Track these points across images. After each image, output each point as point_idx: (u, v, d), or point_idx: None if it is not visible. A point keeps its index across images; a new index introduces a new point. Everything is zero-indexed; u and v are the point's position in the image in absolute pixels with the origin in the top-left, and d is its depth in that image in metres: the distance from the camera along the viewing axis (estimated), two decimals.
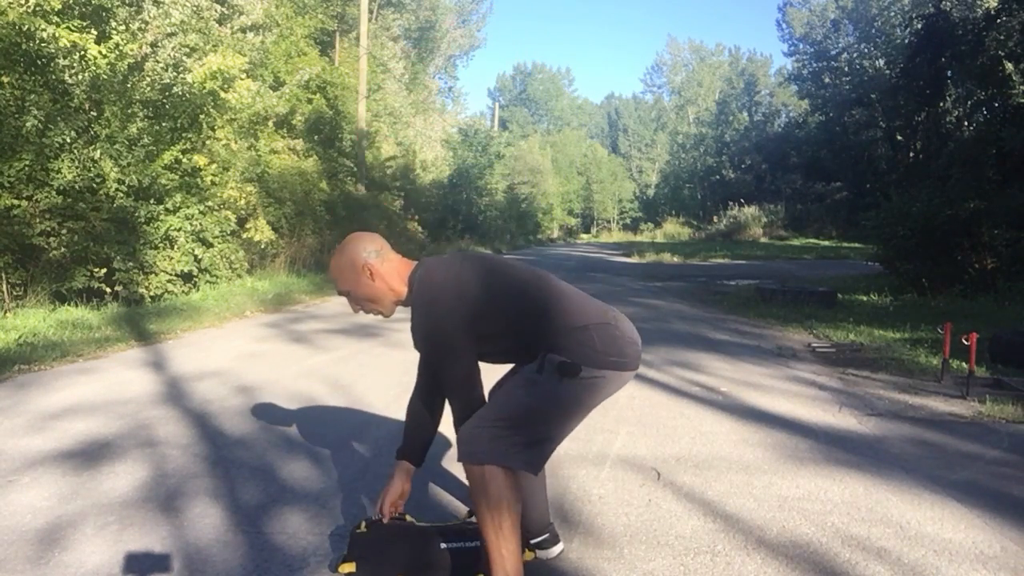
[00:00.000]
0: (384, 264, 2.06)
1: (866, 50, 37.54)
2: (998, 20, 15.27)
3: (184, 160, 8.82)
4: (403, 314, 2.14)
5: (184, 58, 9.18)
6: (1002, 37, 15.47)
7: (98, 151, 7.70)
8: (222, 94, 9.59)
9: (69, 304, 7.41)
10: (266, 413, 3.97)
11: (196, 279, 9.14)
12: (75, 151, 7.49)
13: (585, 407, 1.99)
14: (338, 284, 2.08)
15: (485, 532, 1.86)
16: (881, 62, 35.17)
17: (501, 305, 1.97)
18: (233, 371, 5.03)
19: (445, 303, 1.93)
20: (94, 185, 7.74)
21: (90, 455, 3.23)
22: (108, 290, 7.99)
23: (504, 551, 1.84)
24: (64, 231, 7.45)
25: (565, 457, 3.19)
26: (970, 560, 2.34)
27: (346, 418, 3.92)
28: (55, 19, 7.44)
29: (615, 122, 76.67)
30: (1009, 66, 15.38)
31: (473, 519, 2.09)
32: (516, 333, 1.98)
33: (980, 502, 2.81)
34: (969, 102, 20.67)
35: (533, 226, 42.10)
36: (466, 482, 1.94)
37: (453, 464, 3.22)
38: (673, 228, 43.38)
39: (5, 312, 6.81)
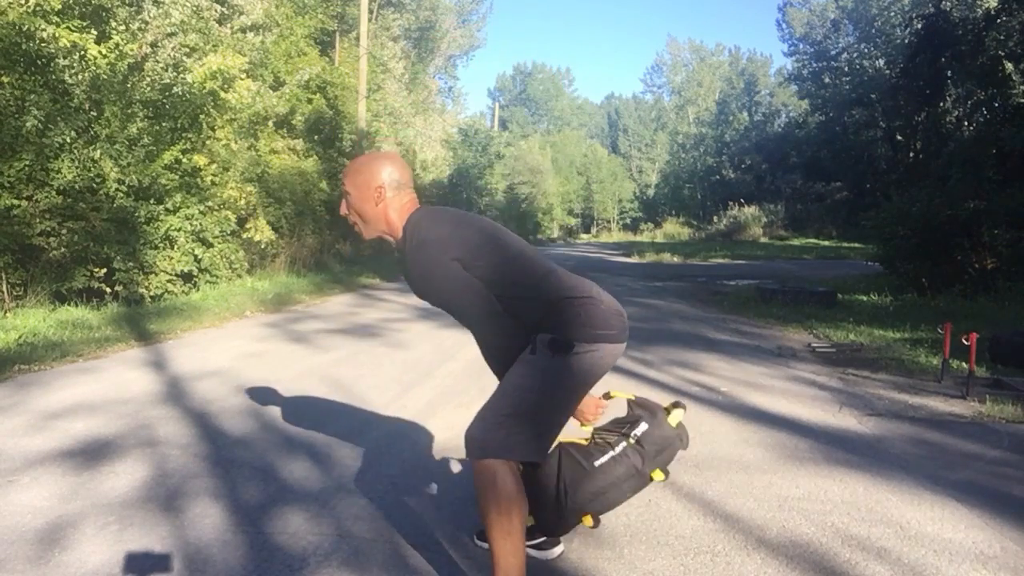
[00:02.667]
0: (396, 198, 2.03)
1: (866, 50, 37.52)
2: (998, 20, 15.27)
3: (184, 160, 8.81)
4: (403, 314, 2.14)
5: (184, 58, 9.18)
6: (1002, 37, 15.47)
7: (98, 151, 7.70)
8: (222, 94, 9.59)
9: (69, 304, 7.41)
10: (266, 413, 3.97)
11: (196, 279, 9.14)
12: (75, 151, 7.49)
13: (583, 384, 2.00)
14: (345, 182, 2.05)
15: (491, 532, 1.85)
16: (881, 62, 35.16)
17: (497, 257, 1.97)
18: (233, 371, 5.03)
19: (436, 243, 1.92)
20: (94, 185, 7.74)
21: (90, 455, 3.23)
22: (108, 290, 7.99)
23: (510, 553, 1.84)
24: (64, 231, 7.45)
25: None
26: (970, 560, 2.34)
27: (346, 418, 3.92)
28: (55, 19, 7.44)
29: (615, 122, 76.65)
30: (1009, 66, 15.38)
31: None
32: (511, 298, 1.97)
33: (980, 502, 2.81)
34: (969, 102, 20.67)
35: (533, 226, 42.08)
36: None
37: (448, 476, 3.22)
38: (673, 228, 43.37)
39: (5, 312, 6.81)
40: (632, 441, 2.11)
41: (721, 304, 9.61)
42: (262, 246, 11.17)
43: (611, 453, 2.11)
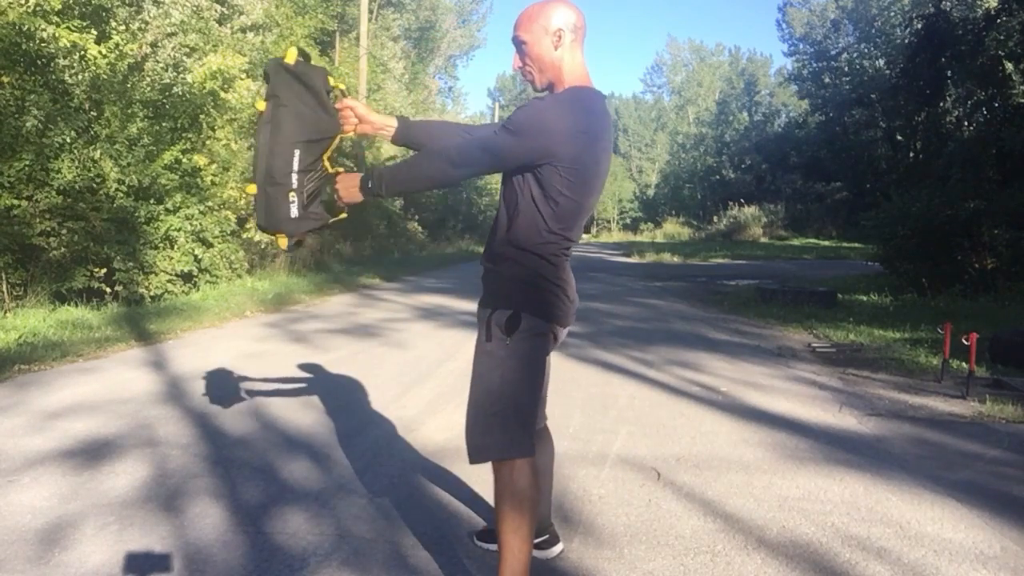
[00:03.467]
0: (575, 44, 1.95)
1: (866, 50, 37.52)
2: (998, 20, 15.27)
3: (184, 160, 8.81)
4: (403, 314, 2.14)
5: (184, 58, 9.19)
6: (1002, 37, 15.47)
7: (98, 151, 7.70)
8: (222, 94, 9.59)
9: (69, 304, 7.41)
10: (266, 413, 3.97)
11: (196, 279, 9.13)
12: (75, 151, 7.49)
13: (545, 360, 2.02)
14: (519, 28, 1.95)
15: (502, 527, 1.87)
16: (881, 62, 35.15)
17: (571, 189, 1.86)
18: (233, 371, 5.03)
19: (570, 129, 1.81)
20: (94, 185, 7.74)
21: (90, 455, 3.23)
22: (108, 290, 7.99)
23: (517, 548, 1.86)
24: (64, 231, 7.45)
25: (565, 457, 3.19)
26: (970, 560, 2.34)
27: (346, 418, 3.92)
28: (55, 19, 7.44)
29: (615, 122, 76.11)
30: (1009, 66, 15.39)
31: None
32: (540, 230, 1.88)
33: (980, 502, 2.81)
34: (969, 102, 20.65)
35: None
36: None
37: (447, 480, 3.22)
38: (673, 228, 43.34)
39: (5, 312, 6.81)
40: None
41: (721, 304, 9.60)
42: (262, 246, 11.17)
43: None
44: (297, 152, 1.99)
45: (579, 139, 1.84)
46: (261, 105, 2.04)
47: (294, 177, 1.99)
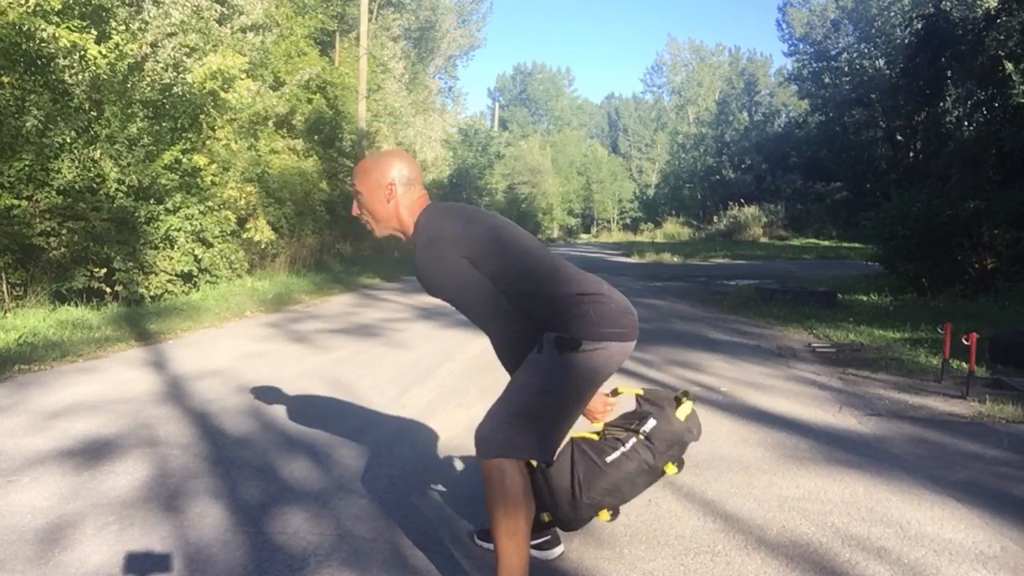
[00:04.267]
0: (406, 195, 2.04)
1: (866, 50, 37.51)
2: (998, 20, 15.26)
3: (184, 160, 8.81)
4: (403, 314, 2.14)
5: (184, 58, 9.17)
6: (1002, 37, 15.45)
7: (98, 151, 7.70)
8: (222, 94, 9.59)
9: (69, 304, 7.41)
10: (266, 413, 3.97)
11: (196, 279, 9.13)
12: (75, 151, 7.49)
13: (590, 382, 1.99)
14: (356, 181, 2.06)
15: (496, 531, 1.86)
16: (881, 62, 35.14)
17: (505, 255, 1.97)
18: (233, 371, 5.03)
19: (446, 240, 1.93)
20: (94, 185, 7.74)
21: (90, 455, 3.23)
22: (108, 290, 7.99)
23: (514, 553, 1.85)
24: (64, 231, 7.45)
25: None
26: (970, 560, 2.34)
27: (346, 418, 3.92)
28: (55, 19, 7.44)
29: (615, 122, 76.63)
30: (1009, 66, 15.37)
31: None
32: (519, 295, 1.97)
33: (980, 502, 2.81)
34: (969, 102, 20.63)
35: (533, 226, 42.07)
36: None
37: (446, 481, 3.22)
38: (673, 228, 43.31)
39: (5, 312, 6.81)
40: (641, 437, 2.11)
41: (721, 304, 9.61)
42: (262, 246, 11.17)
43: (621, 449, 2.11)
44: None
45: (465, 234, 1.94)
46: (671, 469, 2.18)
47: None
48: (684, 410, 2.16)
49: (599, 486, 2.08)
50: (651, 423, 2.12)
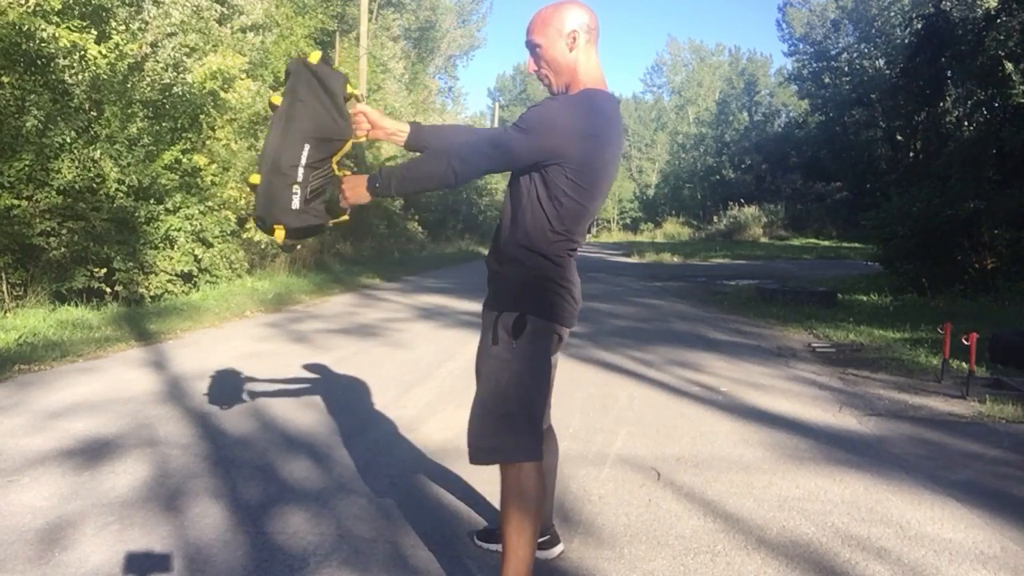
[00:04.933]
0: (589, 46, 1.94)
1: (866, 50, 37.51)
2: (998, 20, 15.27)
3: (184, 160, 8.81)
4: (403, 314, 2.14)
5: (184, 58, 9.18)
6: (1002, 37, 15.46)
7: (98, 151, 7.69)
8: (222, 94, 9.59)
9: (69, 304, 7.41)
10: (266, 413, 3.97)
11: (196, 279, 9.13)
12: (75, 151, 7.48)
13: (549, 363, 1.99)
14: (532, 31, 1.94)
15: (506, 527, 1.87)
16: (881, 62, 35.15)
17: (580, 195, 1.87)
18: (233, 371, 5.03)
19: (566, 130, 1.81)
20: (94, 185, 7.74)
21: (91, 455, 3.23)
22: (108, 290, 7.99)
23: (521, 548, 1.86)
24: (64, 231, 7.45)
25: (565, 457, 3.18)
26: (970, 560, 2.35)
27: (346, 418, 3.92)
28: (55, 19, 7.44)
29: None
30: (1009, 66, 15.38)
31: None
32: (540, 219, 1.88)
33: (980, 502, 2.81)
34: (969, 102, 20.64)
35: None
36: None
37: (448, 479, 3.22)
38: (673, 228, 43.31)
39: (5, 312, 6.81)
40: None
41: (721, 304, 9.60)
42: (262, 246, 11.16)
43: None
44: (307, 147, 2.01)
45: (588, 142, 1.84)
46: (276, 99, 2.08)
47: (300, 171, 2.01)
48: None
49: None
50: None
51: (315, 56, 2.07)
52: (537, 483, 1.89)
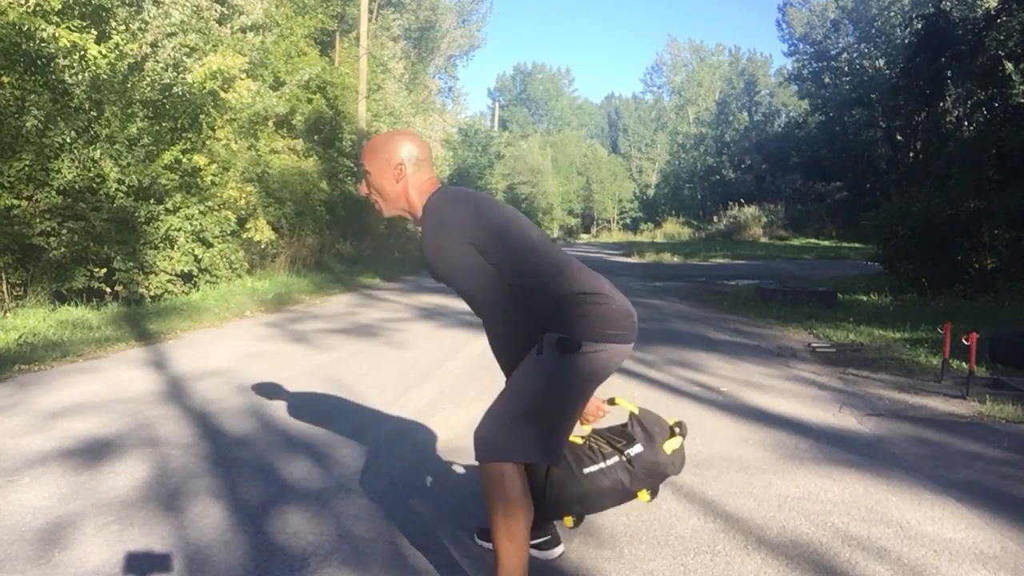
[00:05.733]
0: (416, 175, 2.03)
1: (866, 50, 37.51)
2: (998, 20, 15.25)
3: (184, 160, 8.81)
4: (403, 314, 2.14)
5: (184, 58, 9.17)
6: (1002, 37, 15.45)
7: (98, 151, 7.69)
8: (222, 94, 9.59)
9: (69, 304, 7.41)
10: (266, 413, 3.97)
11: (196, 279, 9.13)
12: (75, 151, 7.48)
13: (590, 383, 1.97)
14: (364, 160, 2.05)
15: (495, 533, 1.86)
16: (881, 62, 35.14)
17: (512, 246, 1.94)
18: (233, 371, 5.03)
19: (454, 225, 1.91)
20: (94, 185, 7.74)
21: (90, 455, 3.23)
22: (108, 290, 7.99)
23: (513, 555, 1.85)
24: (64, 231, 7.44)
25: None
26: (970, 560, 2.34)
27: (346, 418, 3.92)
28: (55, 19, 7.43)
29: (615, 122, 76.64)
30: (1009, 66, 15.36)
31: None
32: (522, 288, 1.94)
33: (980, 502, 2.81)
34: (969, 102, 20.61)
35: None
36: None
37: (446, 480, 3.22)
38: (673, 228, 43.32)
39: (5, 312, 6.81)
40: (624, 459, 2.10)
41: (721, 304, 9.61)
42: (262, 246, 11.16)
43: (600, 464, 2.10)
44: None
45: (470, 220, 1.92)
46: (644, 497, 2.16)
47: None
48: (673, 444, 2.14)
49: (570, 491, 2.08)
50: (637, 448, 2.11)
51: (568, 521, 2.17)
52: (521, 488, 1.87)
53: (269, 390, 4.45)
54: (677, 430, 2.19)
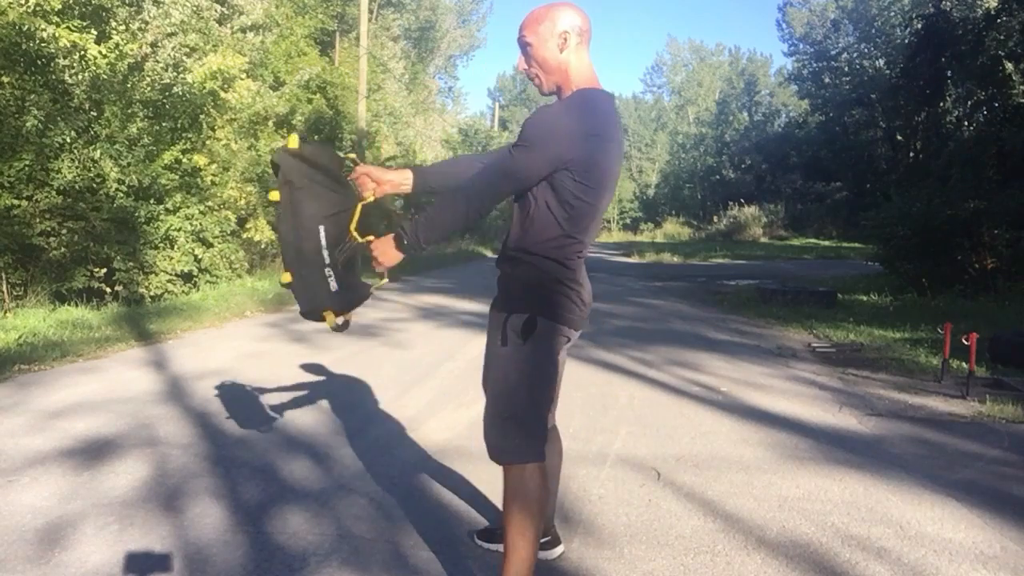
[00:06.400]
0: (580, 47, 1.93)
1: (866, 50, 37.53)
2: (998, 20, 15.27)
3: (184, 160, 8.82)
4: (403, 314, 2.14)
5: (184, 58, 9.19)
6: (1002, 37, 15.47)
7: (98, 151, 7.70)
8: (222, 94, 9.60)
9: (69, 304, 7.41)
10: (266, 413, 3.97)
11: (196, 279, 9.14)
12: (75, 151, 7.49)
13: (556, 364, 1.98)
14: (524, 29, 1.93)
15: (509, 528, 1.87)
16: (881, 62, 35.16)
17: (592, 200, 1.86)
18: (233, 371, 5.03)
19: (567, 135, 1.80)
20: (94, 185, 7.75)
21: (90, 455, 3.23)
22: (108, 290, 7.99)
23: (523, 549, 1.86)
24: (64, 231, 7.45)
25: (565, 457, 3.17)
26: (970, 560, 2.35)
27: (346, 418, 3.91)
28: (55, 19, 7.44)
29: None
30: (1009, 66, 15.37)
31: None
32: (544, 223, 1.87)
33: (980, 502, 2.81)
34: (969, 102, 20.64)
35: None
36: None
37: (448, 478, 3.22)
38: (673, 228, 43.31)
39: (5, 312, 6.81)
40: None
41: (721, 304, 9.60)
42: (262, 246, 11.17)
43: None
44: (322, 228, 2.00)
45: (590, 142, 1.84)
46: (275, 195, 2.06)
47: (325, 253, 2.00)
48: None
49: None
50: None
51: (293, 140, 2.04)
52: (540, 484, 1.89)
53: (269, 390, 4.45)
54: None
